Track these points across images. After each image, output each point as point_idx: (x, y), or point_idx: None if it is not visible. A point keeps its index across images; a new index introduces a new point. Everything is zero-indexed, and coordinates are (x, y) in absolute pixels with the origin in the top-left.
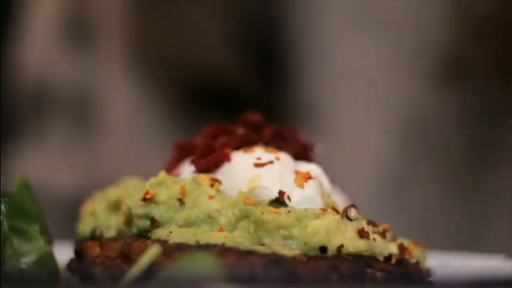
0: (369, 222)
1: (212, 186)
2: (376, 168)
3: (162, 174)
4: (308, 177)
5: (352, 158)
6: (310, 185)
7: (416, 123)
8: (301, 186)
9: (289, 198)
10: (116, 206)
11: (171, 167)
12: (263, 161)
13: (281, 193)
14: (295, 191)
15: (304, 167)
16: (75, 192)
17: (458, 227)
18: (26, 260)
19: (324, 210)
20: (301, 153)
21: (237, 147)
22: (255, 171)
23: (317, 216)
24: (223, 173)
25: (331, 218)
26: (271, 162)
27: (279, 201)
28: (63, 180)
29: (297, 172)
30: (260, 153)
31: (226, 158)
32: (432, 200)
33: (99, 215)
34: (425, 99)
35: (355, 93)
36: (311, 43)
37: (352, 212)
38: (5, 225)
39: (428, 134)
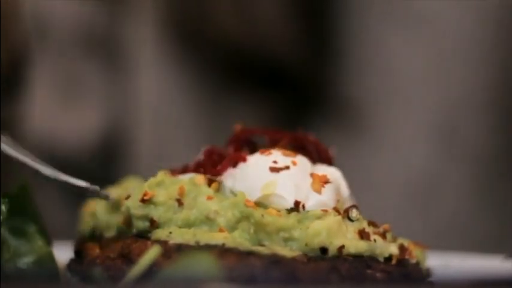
0: (370, 223)
1: (210, 185)
2: (409, 168)
3: (161, 175)
4: (325, 181)
5: (386, 157)
6: (326, 191)
7: (453, 127)
8: (318, 191)
9: (303, 207)
10: (116, 206)
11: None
12: (279, 165)
13: (297, 203)
14: (311, 196)
15: (322, 169)
16: None
17: (489, 232)
18: (26, 261)
19: (325, 211)
20: (321, 158)
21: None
22: (270, 176)
23: (318, 217)
24: (237, 172)
25: (333, 219)
26: (287, 167)
27: (293, 209)
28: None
29: (313, 175)
30: (277, 156)
31: (241, 159)
32: (462, 206)
33: (99, 216)
34: (465, 104)
35: (396, 93)
36: (359, 36)
37: (353, 213)
38: (5, 225)
39: (465, 139)
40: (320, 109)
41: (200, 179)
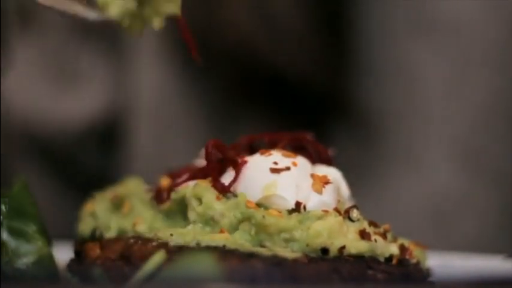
0: (370, 223)
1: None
2: (432, 187)
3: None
4: (325, 181)
5: (409, 174)
6: (327, 191)
7: (481, 144)
8: (319, 192)
9: (304, 208)
10: (116, 207)
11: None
12: (279, 166)
13: (298, 204)
14: (311, 197)
15: (322, 170)
16: None
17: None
18: (25, 261)
19: (326, 211)
20: (320, 158)
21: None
22: (271, 177)
23: (319, 218)
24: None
25: (334, 220)
26: (287, 168)
27: (294, 209)
28: None
29: (313, 176)
30: (277, 157)
31: (242, 164)
32: (488, 228)
33: (99, 216)
34: (493, 120)
35: (421, 108)
36: (382, 49)
37: (354, 213)
38: (4, 226)
39: (493, 158)
40: (340, 122)
41: (205, 184)
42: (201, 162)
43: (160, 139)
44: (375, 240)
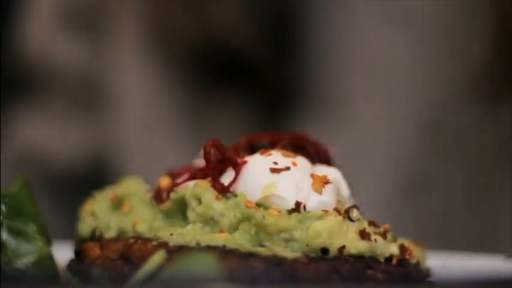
0: (370, 223)
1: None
2: (391, 164)
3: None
4: (325, 181)
5: (367, 152)
6: (327, 191)
7: (437, 123)
8: (319, 192)
9: (304, 208)
10: (116, 206)
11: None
12: (279, 166)
13: (298, 204)
14: (311, 197)
15: (322, 170)
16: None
17: (476, 229)
18: (25, 261)
19: (326, 211)
20: (320, 158)
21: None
22: (271, 177)
23: (319, 218)
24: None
25: (334, 220)
26: (287, 168)
27: (294, 210)
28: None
29: (313, 176)
30: (277, 157)
31: (242, 164)
32: (449, 201)
33: (99, 216)
34: (450, 101)
35: (376, 86)
36: (334, 25)
37: (354, 213)
38: (5, 226)
39: (448, 136)
40: (301, 105)
41: (205, 184)
42: (201, 162)
43: (150, 143)
44: (375, 240)
